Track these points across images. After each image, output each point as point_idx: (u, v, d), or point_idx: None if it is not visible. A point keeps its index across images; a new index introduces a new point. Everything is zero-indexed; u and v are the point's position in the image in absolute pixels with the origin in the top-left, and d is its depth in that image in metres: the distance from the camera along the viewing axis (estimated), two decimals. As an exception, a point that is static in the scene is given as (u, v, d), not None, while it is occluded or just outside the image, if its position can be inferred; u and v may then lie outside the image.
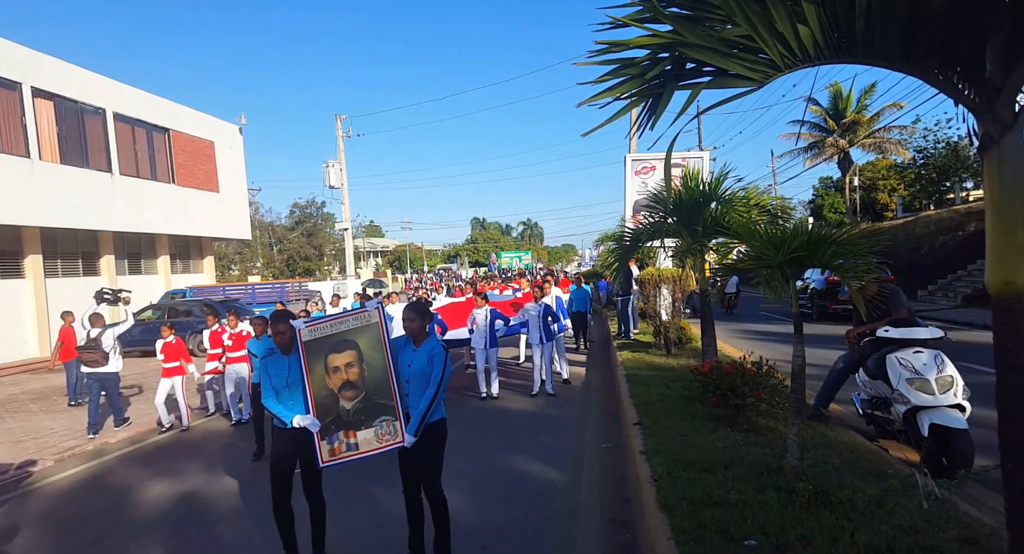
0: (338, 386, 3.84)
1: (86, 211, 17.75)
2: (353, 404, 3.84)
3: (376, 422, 3.83)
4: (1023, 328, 2.24)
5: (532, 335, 9.21)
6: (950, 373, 4.95)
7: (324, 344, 3.86)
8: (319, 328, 3.88)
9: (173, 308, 17.40)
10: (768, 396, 5.94)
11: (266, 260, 45.79)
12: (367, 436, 3.84)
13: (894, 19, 2.08)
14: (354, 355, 3.86)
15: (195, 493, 5.73)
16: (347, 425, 3.84)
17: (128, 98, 19.83)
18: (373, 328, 3.90)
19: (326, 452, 3.83)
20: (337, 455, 3.85)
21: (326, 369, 3.84)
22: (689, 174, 8.00)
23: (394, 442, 3.83)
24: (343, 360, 3.85)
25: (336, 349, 3.86)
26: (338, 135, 29.91)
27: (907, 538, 3.34)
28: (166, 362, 8.31)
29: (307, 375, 3.82)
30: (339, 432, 3.84)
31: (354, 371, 3.85)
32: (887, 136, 34.84)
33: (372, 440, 3.84)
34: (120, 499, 5.70)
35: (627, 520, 4.56)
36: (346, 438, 3.85)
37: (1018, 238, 2.24)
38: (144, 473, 6.45)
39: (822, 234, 4.19)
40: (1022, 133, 2.18)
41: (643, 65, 2.44)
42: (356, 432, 3.84)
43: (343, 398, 3.85)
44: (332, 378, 3.84)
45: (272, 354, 4.04)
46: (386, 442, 3.84)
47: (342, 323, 3.90)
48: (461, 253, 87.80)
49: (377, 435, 3.83)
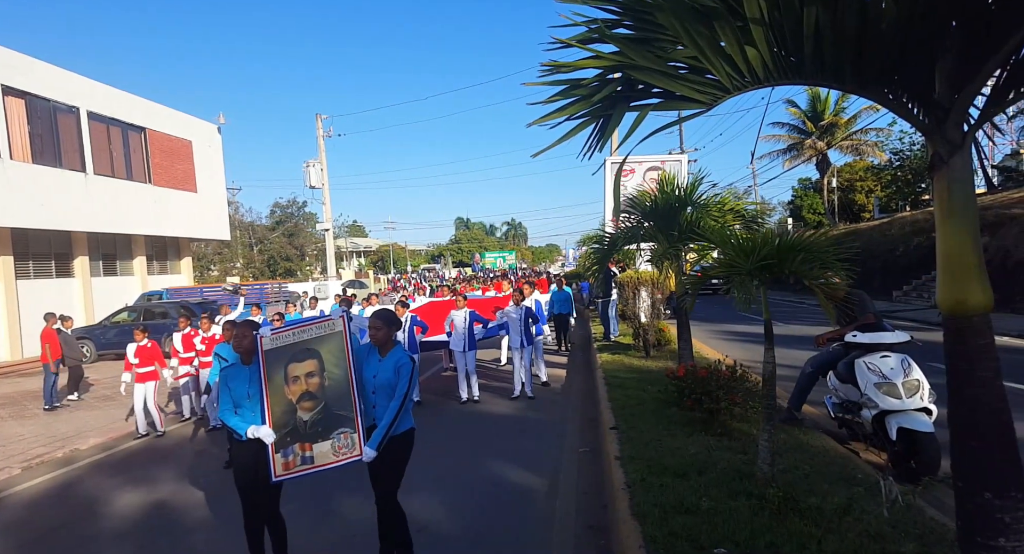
0: (297, 396, 3.70)
1: (59, 211, 17.41)
2: (311, 415, 3.69)
3: (334, 434, 3.68)
4: (974, 347, 2.27)
5: (513, 338, 9.14)
6: (916, 377, 5.03)
7: (285, 353, 3.73)
8: (282, 337, 3.75)
9: (149, 310, 17.12)
10: (742, 400, 5.99)
11: (246, 261, 45.26)
12: (323, 449, 3.68)
13: (843, 41, 2.09)
14: (315, 365, 3.72)
15: (167, 501, 5.64)
16: (303, 437, 3.68)
17: (103, 96, 19.48)
18: (337, 337, 3.77)
19: (280, 465, 3.67)
20: (291, 469, 3.68)
21: (286, 378, 3.71)
22: (666, 178, 8.04)
23: (351, 456, 3.67)
24: (304, 369, 3.71)
25: (297, 358, 3.73)
26: (319, 135, 29.64)
27: (873, 545, 3.39)
28: (140, 367, 8.16)
29: (265, 384, 3.68)
30: (294, 445, 3.68)
31: (314, 381, 3.71)
32: (864, 138, 35.45)
33: (328, 453, 3.68)
34: (89, 508, 5.59)
35: (603, 526, 4.56)
36: (301, 451, 3.68)
37: (968, 257, 2.27)
38: (115, 481, 6.34)
39: (791, 242, 4.23)
40: (970, 153, 2.21)
41: (592, 86, 2.43)
42: (312, 445, 3.68)
43: (301, 409, 3.69)
44: (291, 388, 3.70)
45: (234, 366, 3.91)
46: (343, 456, 3.68)
47: (305, 331, 3.77)
48: (445, 253, 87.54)
49: (334, 448, 3.68)
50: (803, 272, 4.23)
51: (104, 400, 10.77)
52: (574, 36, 2.32)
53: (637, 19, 2.23)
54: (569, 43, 2.29)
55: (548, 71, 2.39)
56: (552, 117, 2.45)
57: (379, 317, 3.88)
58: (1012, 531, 2.23)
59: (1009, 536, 2.23)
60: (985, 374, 2.28)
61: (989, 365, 2.28)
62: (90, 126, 18.79)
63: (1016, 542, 2.21)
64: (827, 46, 2.06)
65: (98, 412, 9.71)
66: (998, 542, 2.23)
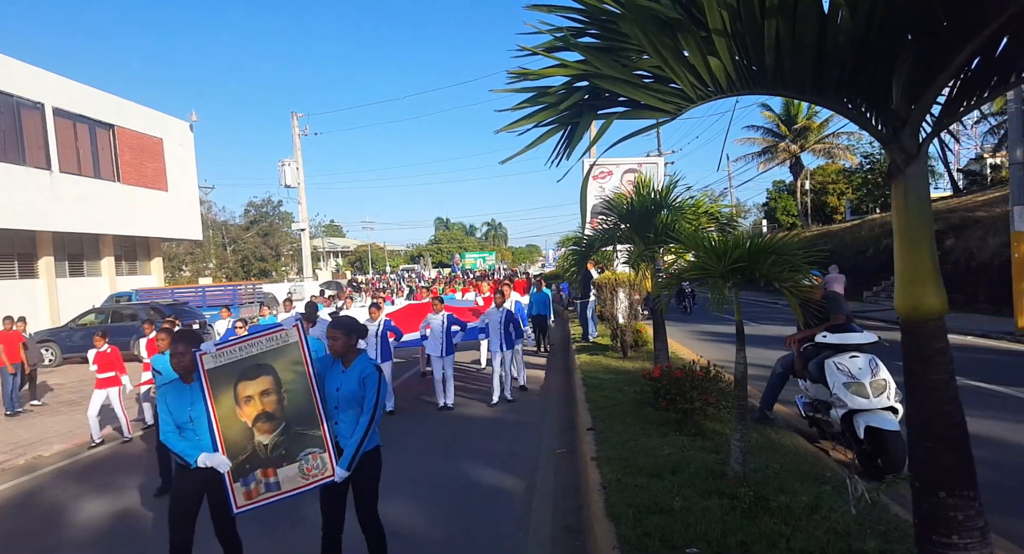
0: (252, 418, 3.34)
1: (22, 210, 16.98)
2: (272, 438, 3.35)
3: (301, 456, 3.37)
4: (928, 351, 2.34)
5: (492, 342, 8.93)
6: (883, 377, 5.16)
7: (233, 370, 3.35)
8: (226, 352, 3.36)
9: (118, 312, 16.76)
10: (715, 400, 6.08)
11: (219, 261, 44.55)
12: (290, 473, 3.36)
13: (803, 52, 2.13)
14: (270, 381, 3.37)
15: (132, 509, 5.53)
16: (265, 462, 3.35)
17: (69, 92, 19.04)
18: (292, 349, 3.42)
19: (241, 495, 3.33)
20: (255, 497, 3.35)
21: (236, 399, 3.33)
22: (642, 181, 8.13)
23: (323, 477, 3.38)
24: (257, 388, 3.35)
25: (248, 375, 3.36)
26: (295, 133, 29.30)
27: (840, 542, 3.46)
28: (100, 373, 7.86)
29: (212, 407, 3.30)
30: (255, 471, 3.34)
31: (271, 400, 3.36)
32: (836, 142, 36.20)
33: (296, 477, 3.36)
34: (52, 517, 5.46)
35: (579, 527, 4.59)
36: (264, 477, 3.34)
37: (924, 263, 2.34)
38: (80, 489, 6.19)
39: (761, 245, 4.30)
40: (926, 162, 2.28)
41: (559, 94, 2.44)
42: (276, 469, 3.34)
43: (259, 431, 3.35)
44: (244, 409, 3.34)
45: (173, 383, 3.53)
46: (314, 478, 3.38)
47: (253, 345, 3.40)
48: (425, 253, 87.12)
49: (302, 471, 3.37)
50: (773, 274, 4.31)
51: (69, 405, 10.52)
52: (540, 44, 2.33)
53: (602, 28, 2.26)
54: (535, 51, 2.31)
55: (515, 78, 2.41)
56: (520, 124, 2.46)
57: (338, 325, 3.57)
58: (964, 529, 2.30)
59: (961, 534, 2.30)
60: (939, 377, 2.35)
61: (943, 368, 2.36)
62: (56, 123, 18.35)
63: (968, 539, 2.29)
64: (787, 57, 2.11)
65: (62, 417, 9.48)
66: (951, 539, 2.30)
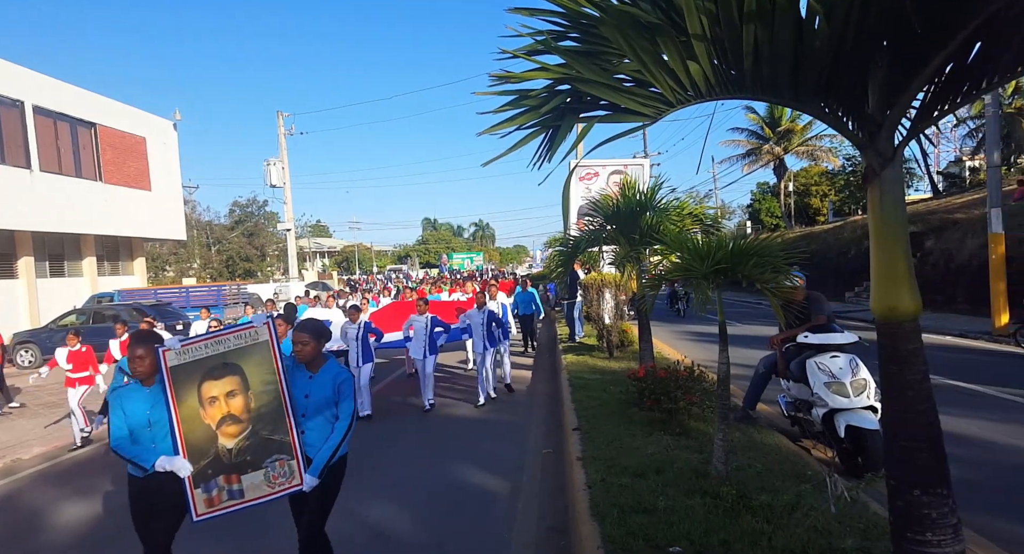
0: (217, 420, 3.15)
1: (1, 210, 16.71)
2: (236, 442, 3.16)
3: (267, 463, 3.18)
4: (903, 351, 2.39)
5: (475, 343, 8.90)
6: (864, 376, 5.23)
7: (197, 369, 3.15)
8: (191, 349, 3.17)
9: (100, 312, 16.55)
10: (699, 399, 6.14)
11: (204, 261, 44.07)
12: (255, 480, 3.17)
13: (780, 57, 2.16)
14: (237, 382, 3.18)
15: (115, 511, 5.45)
16: (229, 468, 3.15)
17: (50, 90, 18.76)
18: (261, 348, 3.23)
19: (202, 502, 3.13)
20: (216, 505, 3.15)
21: (200, 400, 3.14)
22: (627, 183, 8.18)
23: (290, 486, 3.20)
24: (222, 388, 3.15)
25: (213, 375, 3.16)
26: (280, 132, 29.11)
27: (820, 540, 3.51)
28: (74, 372, 7.85)
29: (174, 408, 3.10)
30: (218, 477, 3.15)
31: (237, 401, 3.17)
32: (819, 144, 36.62)
33: (262, 485, 3.18)
34: (33, 521, 5.38)
35: (563, 527, 4.61)
36: (227, 484, 3.15)
37: (899, 266, 2.39)
38: (61, 492, 6.11)
39: (744, 246, 4.35)
40: (901, 166, 2.33)
41: (540, 97, 2.46)
42: (240, 476, 3.16)
43: (223, 435, 3.15)
44: (209, 411, 3.14)
45: (130, 385, 3.35)
46: (280, 487, 3.19)
47: (221, 343, 3.20)
48: (412, 254, 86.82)
49: (268, 478, 3.18)
50: (755, 276, 4.36)
51: (48, 407, 10.37)
52: (521, 47, 2.35)
53: (583, 32, 2.28)
54: (516, 54, 2.33)
55: (498, 81, 2.42)
56: (502, 127, 2.47)
57: (306, 329, 3.37)
58: (938, 526, 2.35)
59: (935, 531, 2.35)
60: (913, 377, 2.40)
61: (917, 368, 2.41)
62: (36, 121, 18.07)
63: (942, 536, 2.34)
64: (765, 62, 2.14)
65: (42, 420, 9.34)
66: (926, 537, 2.35)
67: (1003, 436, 6.03)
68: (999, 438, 5.99)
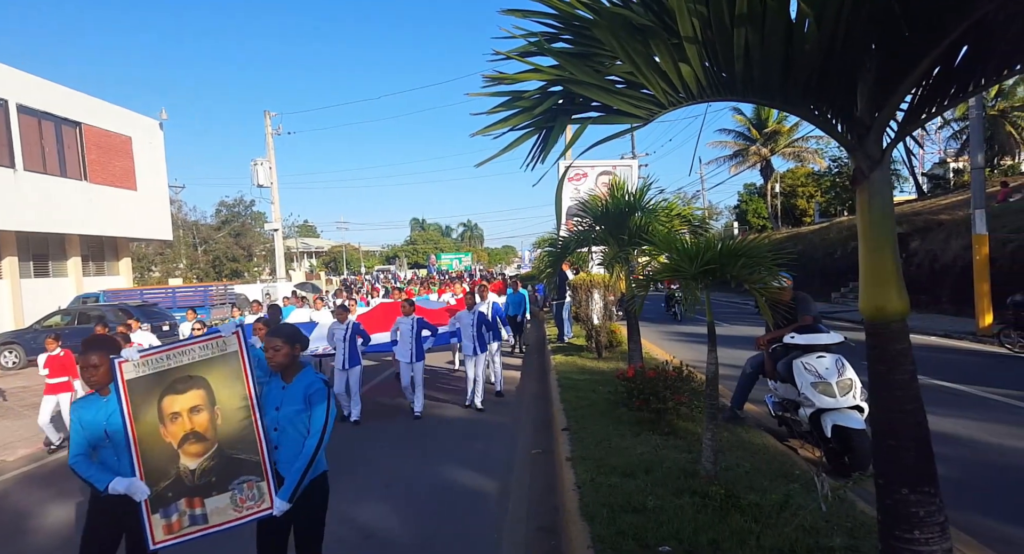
0: (179, 439, 2.88)
1: (-16, 209, 16.48)
2: (200, 462, 2.88)
3: (234, 485, 2.90)
4: (891, 351, 2.42)
5: (465, 345, 8.57)
6: (850, 376, 5.28)
7: (157, 382, 2.88)
8: (150, 361, 2.89)
9: (85, 313, 16.35)
10: (687, 399, 6.17)
11: (190, 261, 43.68)
12: (220, 504, 2.90)
13: (771, 59, 2.18)
14: (202, 396, 2.91)
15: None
16: (191, 491, 2.88)
17: (35, 89, 18.54)
18: (230, 359, 2.96)
19: (160, 528, 2.86)
20: (176, 531, 2.88)
21: (161, 416, 2.87)
22: (616, 184, 8.21)
23: (259, 510, 2.92)
24: (186, 403, 2.88)
25: (176, 389, 2.89)
26: (267, 132, 28.92)
27: (808, 539, 3.54)
28: (51, 377, 7.49)
29: (131, 425, 2.83)
30: (179, 501, 2.87)
31: (202, 418, 2.90)
32: (805, 145, 36.96)
33: (228, 509, 2.90)
34: (19, 523, 5.31)
35: (553, 527, 4.61)
36: (190, 508, 2.88)
37: (887, 267, 2.42)
38: (46, 493, 6.02)
39: (732, 247, 4.39)
40: (890, 168, 2.36)
41: (533, 99, 2.46)
42: (204, 499, 2.89)
43: (186, 455, 2.88)
44: (170, 428, 2.87)
45: (90, 396, 3.12)
46: (248, 511, 2.91)
47: (184, 353, 2.93)
48: (400, 254, 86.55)
49: (235, 502, 2.91)
50: (743, 276, 4.40)
51: (32, 408, 10.20)
52: (515, 49, 2.36)
53: (576, 34, 2.29)
54: (509, 56, 2.33)
55: (491, 83, 2.43)
56: (495, 128, 2.48)
57: (279, 334, 3.09)
58: (925, 524, 2.38)
59: (923, 529, 2.38)
60: (901, 377, 2.43)
61: (905, 368, 2.44)
62: (20, 120, 17.84)
63: (929, 534, 2.37)
64: (756, 64, 2.16)
65: (27, 421, 9.21)
66: (913, 535, 2.38)
67: (987, 435, 6.11)
68: (984, 437, 6.07)
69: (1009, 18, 2.08)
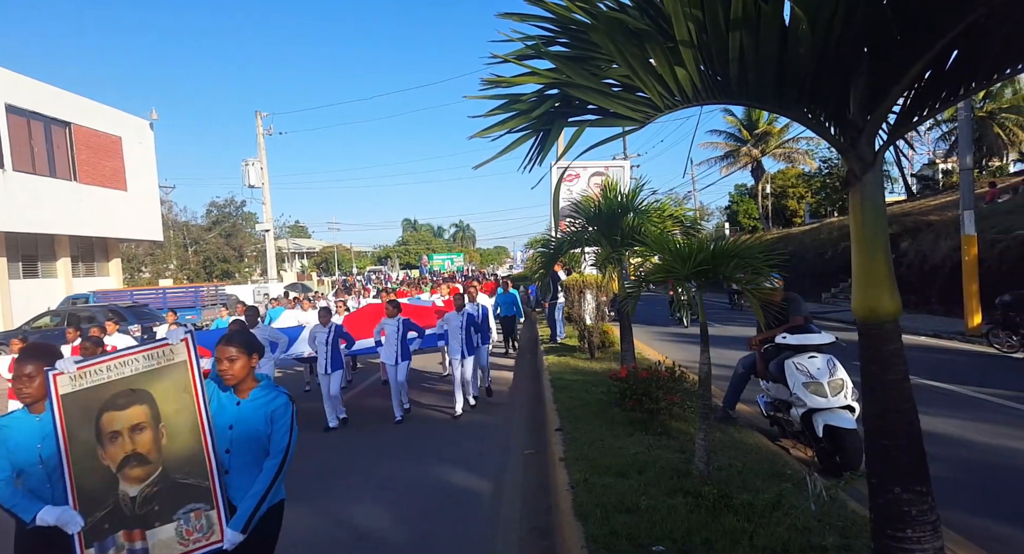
0: (119, 461, 2.51)
1: (-28, 210, 16.32)
2: (142, 489, 2.52)
3: (180, 514, 2.57)
4: (884, 352, 2.45)
5: (452, 348, 8.27)
6: (841, 376, 5.33)
7: (95, 397, 2.52)
8: (88, 373, 2.52)
9: (74, 314, 16.22)
10: (680, 400, 6.20)
11: (180, 262, 43.43)
12: (164, 536, 2.55)
13: (765, 63, 2.21)
14: (146, 412, 2.54)
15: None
16: (132, 521, 2.52)
17: (24, 89, 18.39)
18: (177, 371, 2.61)
19: None
20: None
21: (99, 436, 2.50)
22: (609, 184, 8.23)
23: (208, 543, 2.58)
24: (127, 421, 2.52)
25: (116, 404, 2.52)
26: (259, 132, 28.82)
27: (800, 538, 3.56)
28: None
29: (65, 446, 2.47)
30: (117, 533, 2.51)
31: (145, 437, 2.54)
32: (795, 147, 37.20)
33: (172, 542, 2.56)
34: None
35: (547, 528, 4.62)
36: (129, 542, 2.51)
37: (879, 268, 2.45)
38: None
39: (724, 248, 4.41)
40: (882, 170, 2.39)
41: (531, 101, 2.48)
42: (145, 532, 2.53)
43: (126, 480, 2.51)
44: (109, 449, 2.50)
45: (17, 413, 2.76)
46: (196, 544, 2.57)
47: (126, 364, 2.57)
48: (392, 255, 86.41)
49: (181, 534, 2.57)
50: (736, 277, 4.42)
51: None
52: (512, 52, 2.37)
53: (572, 37, 2.31)
54: (506, 59, 2.35)
55: (488, 86, 2.44)
56: (492, 130, 2.49)
57: (232, 341, 2.73)
58: (918, 523, 2.41)
59: (915, 527, 2.41)
60: (894, 377, 2.46)
61: (898, 369, 2.46)
62: (8, 119, 17.69)
63: (921, 532, 2.40)
64: (750, 68, 2.19)
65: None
66: (906, 533, 2.41)
67: (977, 435, 6.17)
68: (973, 437, 6.13)
69: (996, 25, 2.11)
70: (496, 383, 10.01)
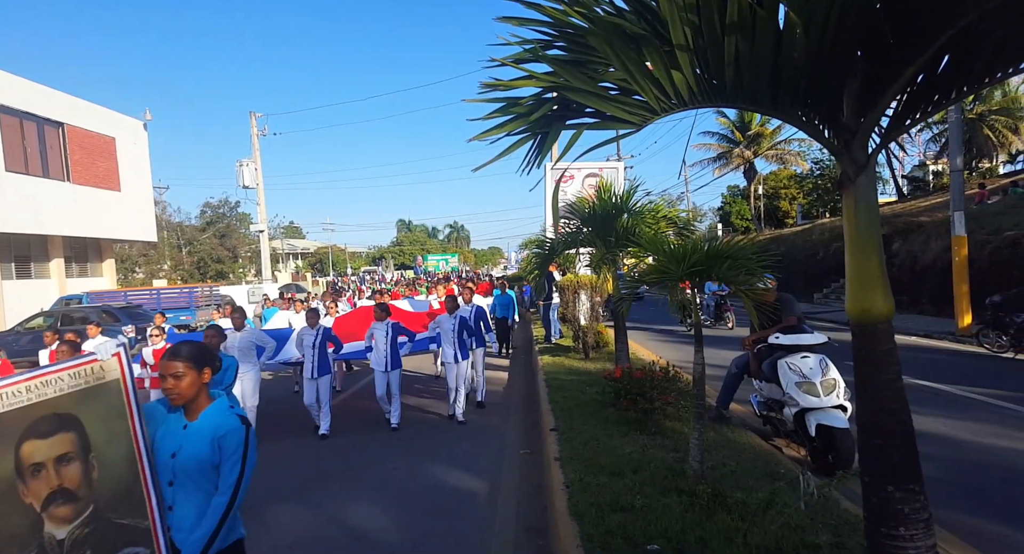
0: (43, 498, 2.11)
1: (-37, 210, 16.21)
2: (71, 530, 2.15)
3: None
4: (877, 353, 2.49)
5: (445, 352, 7.99)
6: (833, 376, 5.37)
7: (14, 423, 2.08)
8: (5, 395, 2.08)
9: (68, 315, 16.12)
10: (674, 399, 6.24)
11: (174, 263, 43.23)
12: None
13: (760, 67, 2.24)
14: (73, 441, 2.17)
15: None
16: None
17: (16, 89, 18.28)
18: (109, 391, 2.25)
19: None
20: None
21: (19, 469, 2.08)
22: (603, 186, 8.26)
23: None
24: (51, 451, 2.13)
25: (38, 431, 2.11)
26: (253, 133, 28.70)
27: (794, 536, 3.60)
28: None
29: None
30: None
31: (72, 470, 2.16)
32: (788, 148, 37.40)
33: None
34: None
35: (542, 527, 4.64)
36: None
37: (873, 269, 2.49)
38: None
39: (718, 249, 4.44)
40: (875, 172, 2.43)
41: (529, 105, 2.51)
42: None
43: (52, 520, 2.12)
44: (31, 484, 2.09)
45: None
46: None
47: (48, 384, 2.16)
48: (386, 255, 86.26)
49: None
50: (730, 278, 4.45)
51: None
52: (510, 56, 2.40)
53: (570, 42, 2.34)
54: (504, 62, 2.38)
55: (487, 89, 2.47)
56: (491, 133, 2.52)
57: (179, 355, 2.34)
58: (911, 521, 2.44)
59: (908, 526, 2.44)
60: (887, 377, 2.49)
61: (891, 369, 2.50)
62: (1, 120, 17.58)
63: (914, 530, 2.43)
64: (745, 72, 2.22)
65: None
66: (899, 531, 2.44)
67: (968, 434, 6.23)
68: (964, 436, 6.18)
69: (988, 30, 2.15)
70: (491, 383, 9.93)
